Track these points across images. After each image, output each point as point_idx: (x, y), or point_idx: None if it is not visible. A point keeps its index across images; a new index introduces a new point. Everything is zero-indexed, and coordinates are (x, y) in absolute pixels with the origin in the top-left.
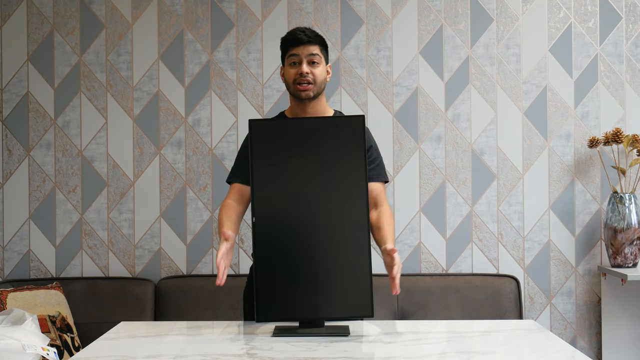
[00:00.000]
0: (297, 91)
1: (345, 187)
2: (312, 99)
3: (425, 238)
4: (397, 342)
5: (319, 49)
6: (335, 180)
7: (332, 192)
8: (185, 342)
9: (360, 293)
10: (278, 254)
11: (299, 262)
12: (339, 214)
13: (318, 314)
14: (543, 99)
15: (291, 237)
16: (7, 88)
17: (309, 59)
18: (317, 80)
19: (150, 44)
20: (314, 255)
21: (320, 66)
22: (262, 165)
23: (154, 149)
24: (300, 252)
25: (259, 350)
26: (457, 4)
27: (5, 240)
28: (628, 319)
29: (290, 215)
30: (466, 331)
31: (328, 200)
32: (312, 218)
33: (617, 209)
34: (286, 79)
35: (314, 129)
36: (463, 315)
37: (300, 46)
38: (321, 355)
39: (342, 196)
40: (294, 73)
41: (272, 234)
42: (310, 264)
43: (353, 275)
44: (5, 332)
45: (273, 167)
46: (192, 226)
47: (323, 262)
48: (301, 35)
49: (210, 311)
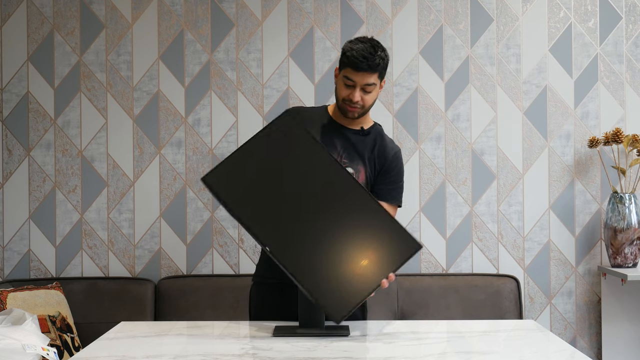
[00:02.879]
0: (344, 109)
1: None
2: (356, 118)
3: (425, 238)
4: (397, 342)
5: (377, 76)
6: (320, 183)
7: (329, 193)
8: (185, 342)
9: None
10: (301, 253)
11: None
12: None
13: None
14: (543, 99)
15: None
16: (7, 88)
17: (364, 87)
18: (366, 105)
19: (150, 44)
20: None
21: (374, 91)
22: (242, 205)
23: (154, 149)
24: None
25: (259, 350)
26: (457, 4)
27: (5, 240)
28: (628, 319)
29: (297, 225)
30: (466, 331)
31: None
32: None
33: (617, 209)
34: (337, 91)
35: (260, 145)
36: (463, 315)
37: (359, 73)
38: (321, 355)
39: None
40: (345, 94)
41: (287, 246)
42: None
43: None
44: (5, 332)
45: (252, 199)
46: (192, 226)
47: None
48: (363, 63)
49: (210, 311)
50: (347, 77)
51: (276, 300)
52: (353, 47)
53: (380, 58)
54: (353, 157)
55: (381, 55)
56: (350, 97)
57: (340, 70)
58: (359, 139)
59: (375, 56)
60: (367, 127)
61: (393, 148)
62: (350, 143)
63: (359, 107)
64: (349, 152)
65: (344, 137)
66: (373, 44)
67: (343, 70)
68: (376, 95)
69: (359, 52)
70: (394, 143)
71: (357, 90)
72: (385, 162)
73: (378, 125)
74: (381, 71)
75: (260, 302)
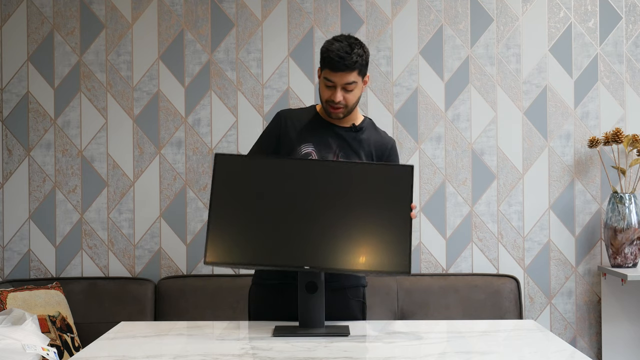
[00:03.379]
0: (328, 110)
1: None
2: (341, 118)
3: (425, 238)
4: (397, 342)
5: (357, 73)
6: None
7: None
8: (185, 342)
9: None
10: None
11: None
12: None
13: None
14: (543, 99)
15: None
16: (7, 88)
17: (345, 87)
18: (349, 104)
19: (150, 44)
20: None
21: (357, 89)
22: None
23: (154, 149)
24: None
25: (259, 350)
26: (457, 4)
27: (5, 240)
28: (628, 319)
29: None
30: (466, 331)
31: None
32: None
33: (617, 209)
34: (320, 92)
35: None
36: (463, 315)
37: (338, 73)
38: (321, 355)
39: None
40: (327, 95)
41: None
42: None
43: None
44: (5, 332)
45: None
46: (192, 226)
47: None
48: (340, 63)
49: (210, 311)
50: (327, 78)
51: (276, 300)
52: (329, 47)
53: (357, 55)
54: (349, 154)
55: (358, 52)
56: (332, 98)
57: (320, 71)
58: (353, 136)
59: (352, 54)
60: (359, 123)
61: (389, 140)
62: (345, 141)
63: (342, 107)
64: (345, 151)
65: (338, 136)
66: (350, 42)
67: (323, 72)
68: (359, 92)
69: (334, 53)
70: (388, 135)
71: (338, 91)
72: (383, 156)
73: (369, 119)
74: (360, 68)
75: (259, 302)
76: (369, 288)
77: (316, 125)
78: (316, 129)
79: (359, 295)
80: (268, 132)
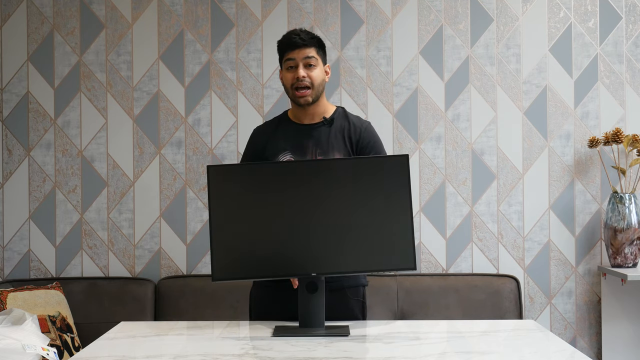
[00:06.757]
0: (296, 97)
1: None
2: (311, 103)
3: (425, 238)
4: (397, 342)
5: (315, 50)
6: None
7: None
8: (185, 342)
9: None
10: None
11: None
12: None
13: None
14: (543, 99)
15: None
16: (7, 88)
17: (305, 62)
18: (315, 83)
19: (150, 44)
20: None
21: (318, 68)
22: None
23: (154, 149)
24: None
25: (259, 350)
26: (457, 4)
27: (5, 240)
28: (628, 319)
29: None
30: (466, 331)
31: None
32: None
33: (617, 209)
34: (284, 83)
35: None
36: (463, 315)
37: (295, 50)
38: (321, 355)
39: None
40: (291, 77)
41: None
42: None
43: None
44: (5, 332)
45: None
46: (192, 226)
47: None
48: (296, 38)
49: (210, 311)
50: (287, 59)
51: (276, 300)
52: (284, 34)
53: (312, 34)
54: (327, 150)
55: (312, 34)
56: (296, 77)
57: (281, 64)
58: (326, 130)
59: (306, 32)
60: (330, 115)
61: (362, 124)
62: (319, 138)
63: (307, 84)
64: (321, 148)
65: (311, 135)
66: (303, 29)
67: (283, 59)
68: (322, 74)
69: (289, 33)
70: (361, 119)
71: (300, 68)
72: (359, 140)
73: (340, 109)
74: (317, 47)
75: (260, 302)
76: (369, 288)
77: (289, 131)
78: (289, 136)
79: (359, 295)
80: (247, 153)
